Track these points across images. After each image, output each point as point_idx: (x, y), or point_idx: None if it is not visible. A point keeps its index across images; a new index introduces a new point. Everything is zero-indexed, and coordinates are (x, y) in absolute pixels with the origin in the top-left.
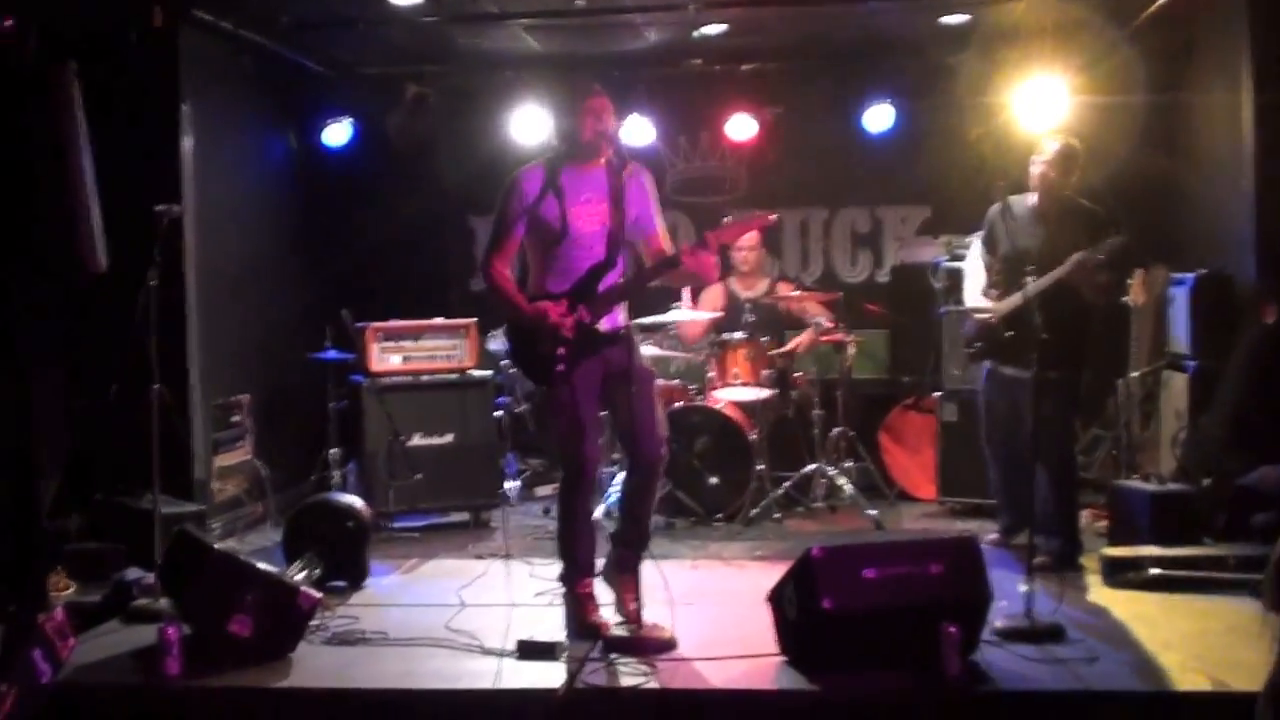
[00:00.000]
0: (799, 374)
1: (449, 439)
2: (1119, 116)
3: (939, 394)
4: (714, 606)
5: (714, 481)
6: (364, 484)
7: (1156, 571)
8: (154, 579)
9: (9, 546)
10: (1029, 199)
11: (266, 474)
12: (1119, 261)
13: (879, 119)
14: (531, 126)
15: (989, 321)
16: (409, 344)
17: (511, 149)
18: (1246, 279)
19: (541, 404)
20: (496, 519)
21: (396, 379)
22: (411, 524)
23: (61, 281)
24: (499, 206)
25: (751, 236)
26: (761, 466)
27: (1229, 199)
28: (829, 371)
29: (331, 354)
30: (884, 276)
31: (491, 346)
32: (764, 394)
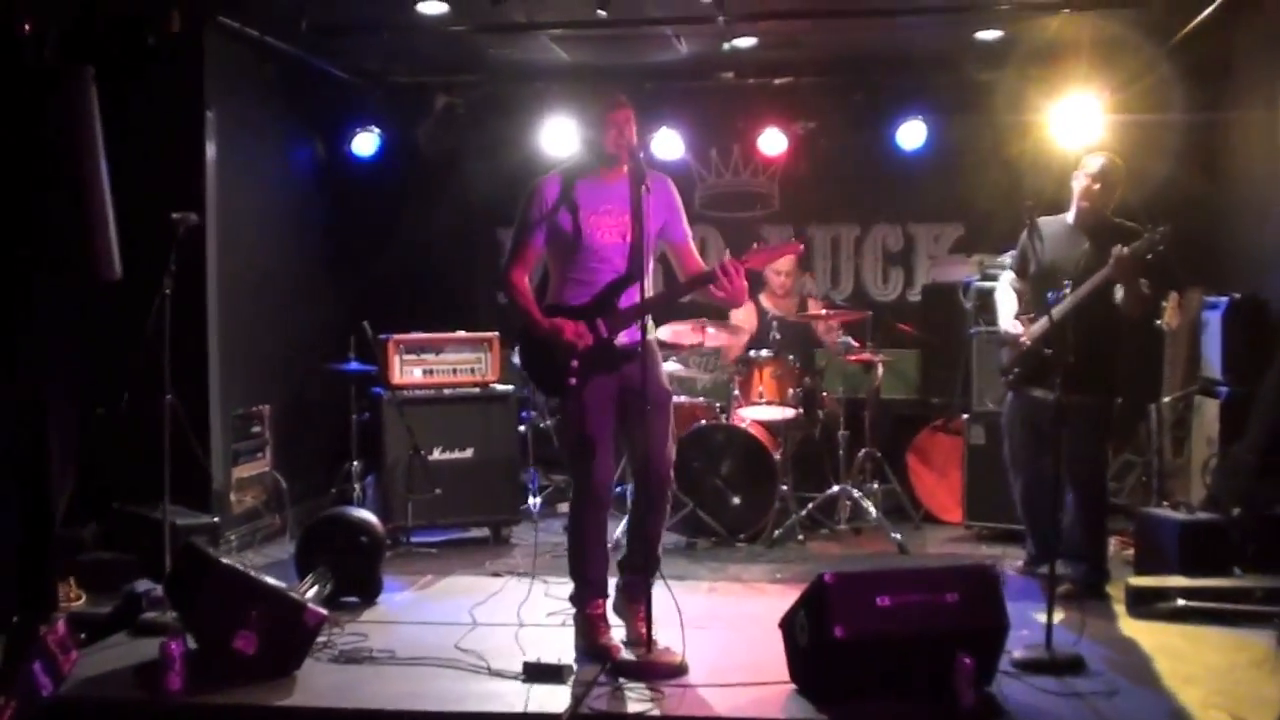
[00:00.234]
0: (826, 393)
1: (469, 453)
2: (1155, 135)
3: (967, 416)
4: (728, 631)
5: (737, 502)
6: (382, 498)
7: (1182, 603)
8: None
9: (19, 554)
10: (1065, 217)
11: (285, 486)
12: (1161, 265)
13: (912, 135)
14: (561, 138)
15: (1022, 346)
16: (431, 357)
17: (541, 161)
18: None
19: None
20: (517, 535)
21: (417, 392)
22: (430, 539)
23: (77, 288)
24: (519, 215)
25: (787, 259)
26: (785, 487)
27: (1265, 221)
28: (857, 391)
29: (354, 365)
30: (915, 295)
31: (516, 360)
32: (789, 413)
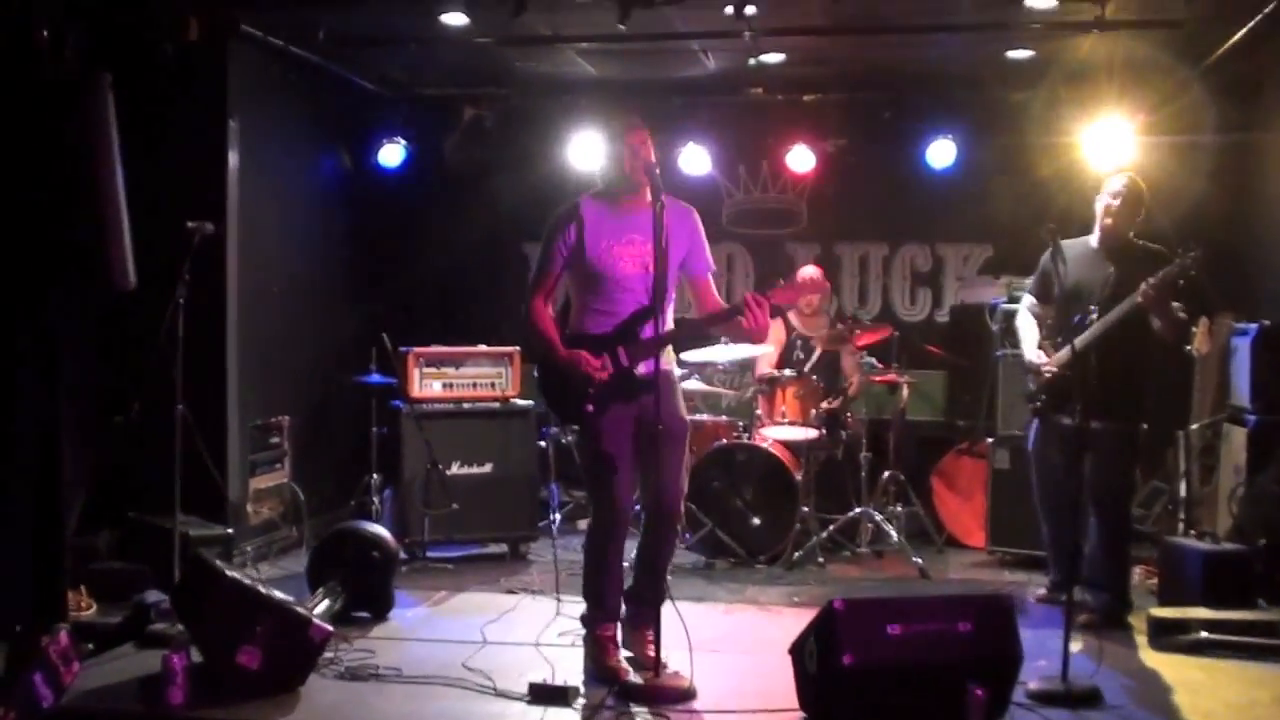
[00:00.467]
0: (850, 414)
1: (488, 468)
2: (1186, 158)
3: (992, 439)
4: (741, 655)
5: (757, 522)
6: (399, 512)
7: (1205, 635)
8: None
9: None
10: (1089, 240)
11: (303, 498)
12: (1194, 286)
13: (942, 154)
14: (589, 152)
15: (1047, 375)
16: (451, 370)
17: (568, 174)
18: None
19: None
20: (535, 551)
21: (437, 406)
22: (447, 554)
23: (94, 297)
24: (542, 243)
25: (816, 278)
26: (807, 509)
27: None
28: (882, 412)
29: (375, 378)
30: (943, 316)
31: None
32: (812, 434)
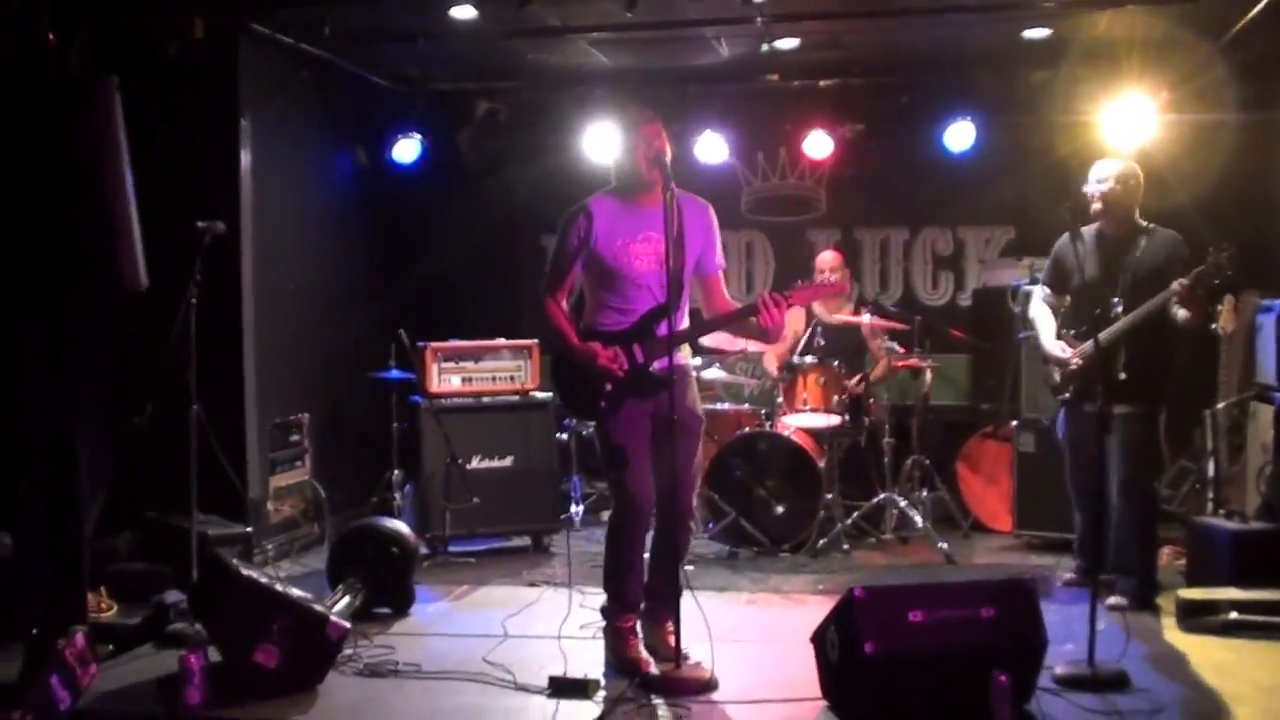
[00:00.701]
0: (873, 400)
1: (509, 462)
2: (1208, 135)
3: (1016, 422)
4: (763, 645)
5: (780, 511)
6: (420, 507)
7: (1234, 616)
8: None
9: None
10: (1097, 227)
11: (324, 495)
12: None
13: (961, 137)
14: (604, 143)
15: (1072, 368)
16: (469, 365)
17: (584, 165)
18: None
19: None
20: (558, 544)
21: (456, 400)
22: (469, 548)
23: (107, 298)
24: (557, 240)
25: (834, 260)
26: (830, 496)
27: None
28: (905, 398)
29: (395, 374)
30: (966, 299)
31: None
32: (834, 420)
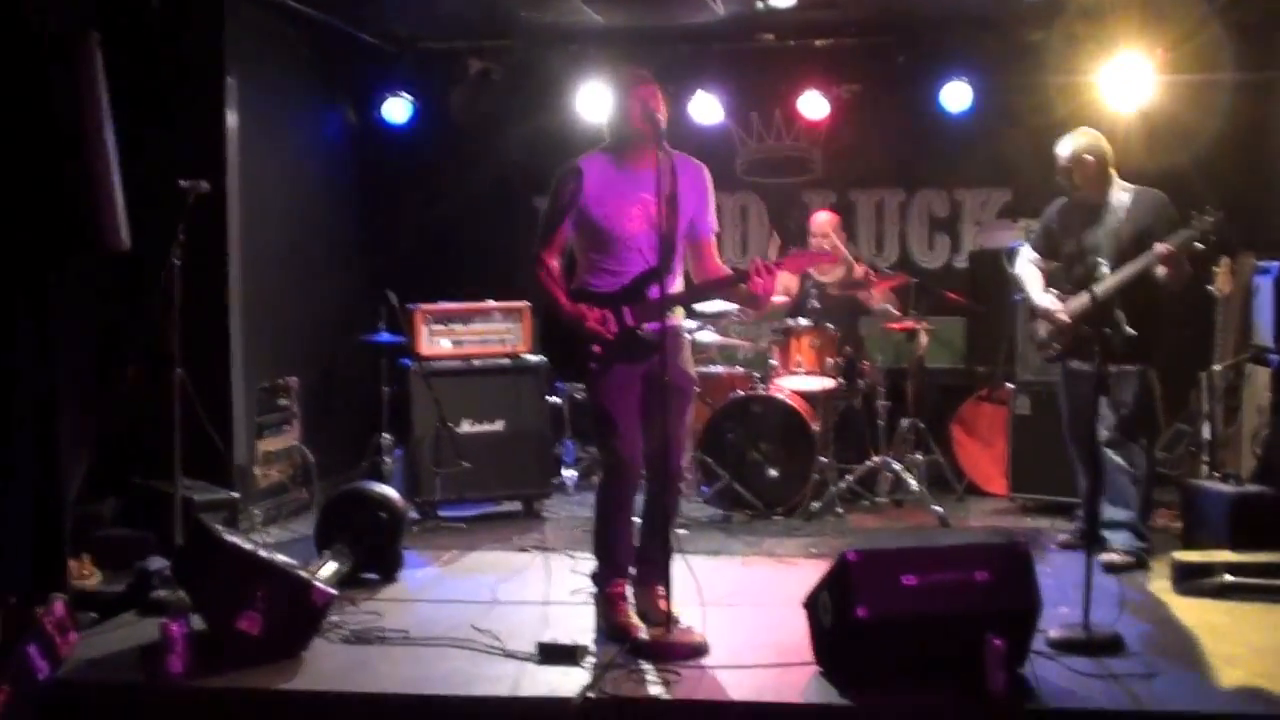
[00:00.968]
0: (867, 362)
1: (500, 426)
2: (1206, 96)
3: (1012, 385)
4: (756, 609)
5: (774, 474)
6: (410, 471)
7: (1230, 579)
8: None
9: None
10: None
11: (313, 460)
12: (1216, 242)
13: (957, 98)
14: (597, 103)
15: (1061, 323)
16: (459, 327)
17: (578, 125)
18: None
19: None
20: (549, 509)
21: (446, 363)
22: (460, 513)
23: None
24: (549, 199)
25: (828, 221)
26: (824, 459)
27: None
28: (900, 360)
29: (385, 336)
30: (962, 262)
31: None
32: (829, 383)
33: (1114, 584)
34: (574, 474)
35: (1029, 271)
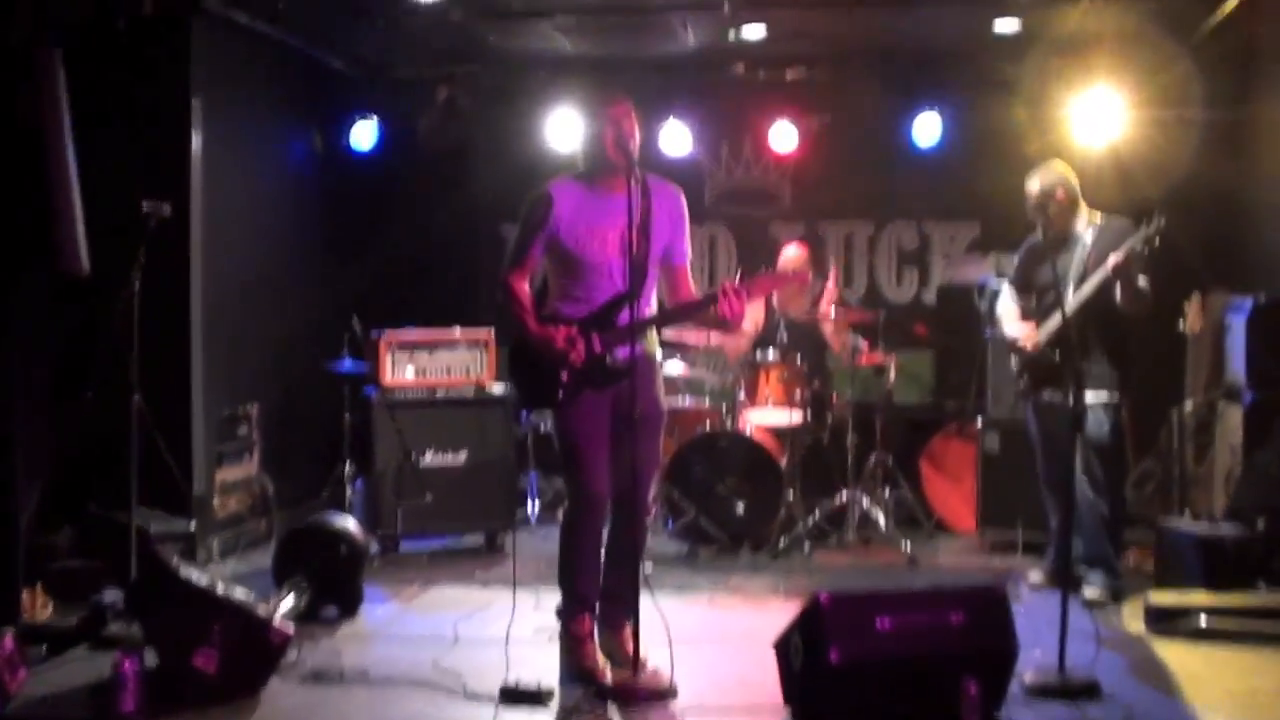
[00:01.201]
0: (835, 397)
1: (463, 457)
2: (1178, 131)
3: (982, 421)
4: (725, 649)
5: (741, 509)
6: (371, 503)
7: (1205, 621)
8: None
9: None
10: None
11: (273, 490)
12: (1177, 260)
13: (928, 130)
14: (566, 131)
15: (1030, 350)
16: (424, 356)
17: (546, 154)
18: None
19: None
20: (512, 543)
21: (410, 393)
22: (421, 546)
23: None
24: (520, 222)
25: (799, 256)
26: (792, 494)
27: None
28: (868, 395)
29: (347, 364)
30: (930, 296)
31: None
32: (796, 417)
33: (1088, 623)
34: (537, 507)
35: (1008, 308)
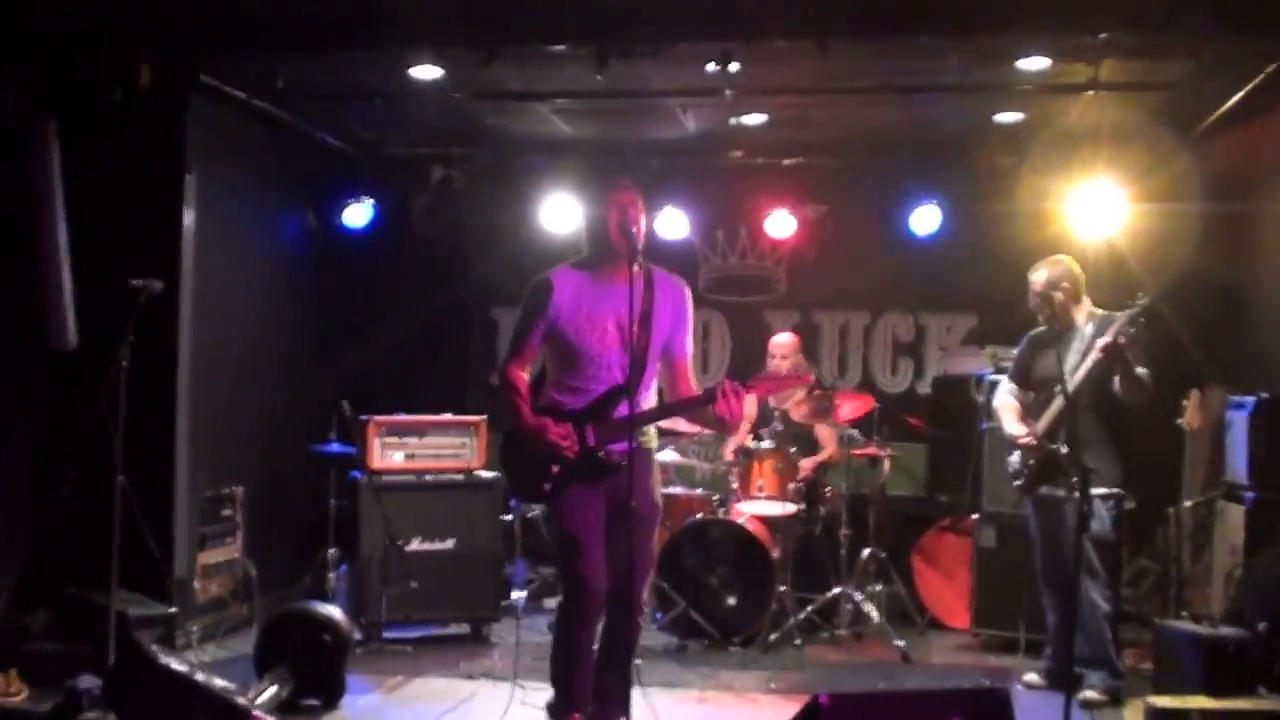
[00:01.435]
0: (829, 489)
1: (450, 544)
2: (1179, 226)
3: (977, 516)
4: None
5: (732, 602)
6: (355, 590)
7: None
8: None
9: None
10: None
11: (255, 574)
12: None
13: (926, 221)
14: (562, 216)
15: (1029, 443)
16: (413, 440)
17: (540, 239)
18: None
19: None
20: (498, 633)
21: (398, 477)
22: (405, 635)
23: (32, 357)
24: (520, 311)
25: (789, 343)
26: (784, 588)
27: None
28: (862, 487)
29: (335, 447)
30: (925, 387)
31: None
32: (790, 509)
33: None
34: (524, 596)
35: (1006, 403)
